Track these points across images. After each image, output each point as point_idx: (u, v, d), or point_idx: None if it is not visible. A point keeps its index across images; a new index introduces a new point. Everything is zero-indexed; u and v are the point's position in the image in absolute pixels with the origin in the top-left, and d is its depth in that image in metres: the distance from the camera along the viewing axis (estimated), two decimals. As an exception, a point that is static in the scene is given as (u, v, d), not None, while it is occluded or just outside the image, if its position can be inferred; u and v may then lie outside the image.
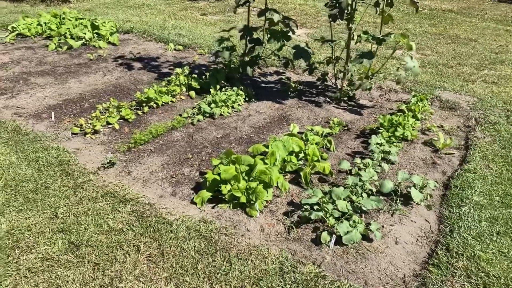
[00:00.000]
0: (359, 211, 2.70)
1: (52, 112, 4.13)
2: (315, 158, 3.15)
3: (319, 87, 5.16)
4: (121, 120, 4.07)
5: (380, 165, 3.13)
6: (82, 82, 5.08)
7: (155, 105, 4.37)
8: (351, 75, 4.63)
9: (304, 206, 2.67)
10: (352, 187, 2.79)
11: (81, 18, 7.68)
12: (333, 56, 4.67)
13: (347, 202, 2.66)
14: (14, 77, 5.16)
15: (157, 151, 3.53)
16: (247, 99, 4.62)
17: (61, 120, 4.06)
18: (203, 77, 5.02)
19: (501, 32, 8.20)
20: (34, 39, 6.93)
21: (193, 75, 4.92)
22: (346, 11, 3.75)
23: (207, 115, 4.20)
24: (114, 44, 6.83)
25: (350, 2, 3.61)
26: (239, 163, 2.93)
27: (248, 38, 4.43)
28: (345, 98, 4.63)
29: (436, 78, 5.41)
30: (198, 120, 4.09)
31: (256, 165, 2.83)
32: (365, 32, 4.17)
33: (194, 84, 4.79)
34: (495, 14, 10.18)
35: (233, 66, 5.17)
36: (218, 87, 4.69)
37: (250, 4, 4.40)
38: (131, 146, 3.54)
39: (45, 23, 7.32)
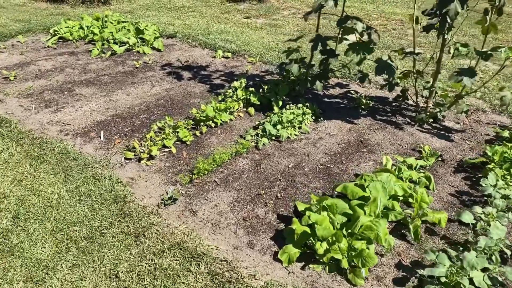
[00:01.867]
0: (498, 284, 2.08)
1: (102, 132, 3.69)
2: (424, 205, 2.54)
3: (393, 104, 4.52)
4: (177, 142, 3.59)
5: (507, 217, 2.49)
6: (130, 94, 4.65)
7: (213, 124, 3.87)
8: (436, 93, 3.97)
9: (424, 275, 2.08)
10: (486, 250, 2.17)
11: (123, 22, 7.33)
12: (414, 70, 4.02)
13: (485, 275, 2.04)
14: (58, 86, 4.79)
15: (223, 184, 3.02)
16: (313, 118, 4.05)
17: (111, 140, 3.62)
18: (261, 90, 4.48)
19: None
20: (76, 43, 6.62)
21: (251, 89, 4.40)
22: (450, 22, 3.11)
23: (273, 137, 3.66)
24: (158, 50, 6.41)
25: (459, 11, 2.98)
26: (333, 211, 2.37)
27: (321, 49, 3.85)
28: (430, 120, 3.97)
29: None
30: (264, 144, 3.56)
31: (357, 216, 2.25)
32: (465, 45, 3.52)
33: (253, 99, 4.26)
34: None
35: (293, 78, 4.61)
36: (280, 103, 4.15)
37: (323, 8, 3.81)
38: (194, 176, 3.04)
39: (87, 26, 7.00)
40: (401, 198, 2.69)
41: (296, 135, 3.76)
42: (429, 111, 3.92)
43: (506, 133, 3.62)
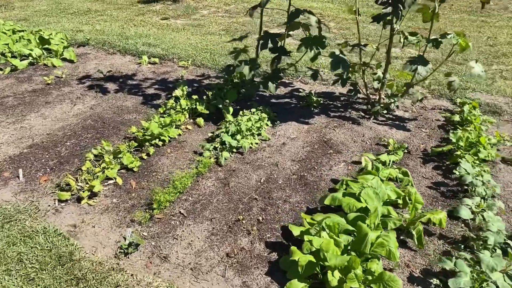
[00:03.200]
0: (515, 282, 1.97)
1: (20, 170, 2.93)
2: (419, 206, 2.38)
3: (342, 99, 4.42)
4: (122, 171, 2.99)
5: (494, 205, 2.44)
6: (47, 117, 3.85)
7: (160, 143, 3.33)
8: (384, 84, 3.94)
9: (439, 285, 1.89)
10: (497, 246, 2.06)
11: (20, 31, 6.22)
12: (361, 63, 3.94)
13: (503, 275, 1.92)
14: None
15: (192, 215, 2.54)
16: (270, 122, 3.74)
17: (34, 179, 2.88)
18: (205, 97, 4.04)
19: (480, 23, 8.08)
20: (-38, 60, 5.41)
21: (194, 97, 3.93)
22: (404, 9, 3.02)
23: (234, 150, 3.26)
24: (71, 61, 5.54)
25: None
26: (334, 231, 2.08)
27: (271, 47, 3.53)
28: (384, 111, 3.93)
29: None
30: (225, 159, 3.14)
31: (365, 234, 1.99)
32: (413, 34, 3.49)
33: (201, 108, 3.80)
34: (460, 5, 10.20)
35: (238, 81, 4.25)
36: (231, 110, 3.75)
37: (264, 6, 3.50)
38: (154, 212, 2.51)
39: (-27, 39, 5.78)
40: (391, 201, 2.51)
41: (257, 143, 3.41)
42: (382, 103, 3.86)
43: (456, 117, 3.71)
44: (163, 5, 9.63)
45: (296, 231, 2.15)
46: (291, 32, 3.70)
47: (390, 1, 3.08)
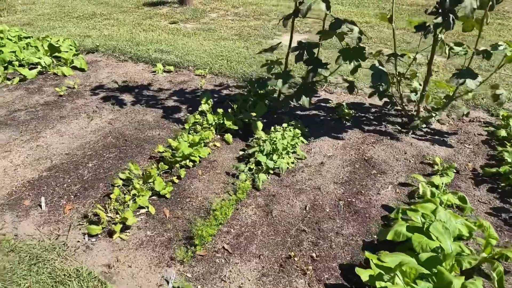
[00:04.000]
0: None
1: (42, 198, 2.67)
2: (493, 242, 2.15)
3: (373, 111, 4.18)
4: (153, 197, 2.74)
5: None
6: (64, 134, 3.59)
7: (190, 164, 3.08)
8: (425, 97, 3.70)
9: None
10: None
11: (26, 37, 5.95)
12: (396, 73, 3.71)
13: None
14: (-46, 135, 3.52)
15: (237, 250, 2.30)
16: (303, 138, 3.50)
17: (58, 207, 2.63)
18: (230, 111, 3.80)
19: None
20: (-33, 70, 5.13)
21: (220, 111, 3.68)
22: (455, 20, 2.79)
23: (271, 171, 3.02)
24: (82, 70, 5.27)
25: (475, 7, 2.66)
26: (409, 276, 1.84)
27: (307, 58, 3.29)
28: (423, 126, 3.69)
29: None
30: (262, 182, 2.89)
31: (449, 282, 1.75)
32: (459, 44, 3.26)
33: (229, 124, 3.55)
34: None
35: (262, 92, 4.00)
36: (261, 125, 3.51)
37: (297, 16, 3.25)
38: (197, 248, 2.27)
39: (-23, 46, 5.50)
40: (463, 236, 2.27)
41: (293, 163, 3.17)
42: (421, 117, 3.63)
43: (502, 132, 3.48)
44: (169, 8, 9.37)
45: (364, 275, 1.91)
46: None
47: (440, 11, 2.84)
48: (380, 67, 3.28)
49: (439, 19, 2.82)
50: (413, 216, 2.28)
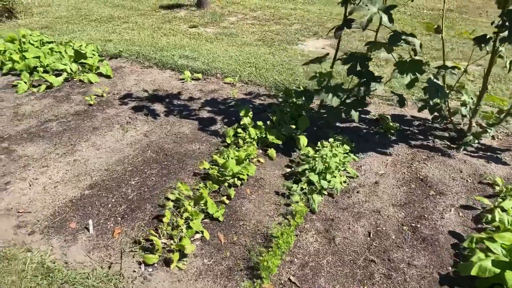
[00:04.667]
0: None
1: (90, 221, 2.52)
2: None
3: (415, 123, 4.02)
4: (205, 220, 2.59)
5: None
6: (99, 147, 3.44)
7: (239, 182, 2.92)
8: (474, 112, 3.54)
9: None
10: None
11: (49, 42, 5.83)
12: (445, 86, 3.54)
13: None
14: (-13, 147, 3.38)
15: (304, 283, 2.14)
16: (353, 155, 3.34)
17: (105, 230, 2.48)
18: (269, 123, 3.65)
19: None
20: (-10, 76, 5.01)
21: (259, 123, 3.53)
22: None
23: (324, 192, 2.86)
24: (107, 77, 5.13)
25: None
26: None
27: (359, 70, 3.13)
28: (475, 141, 3.53)
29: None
30: (317, 204, 2.74)
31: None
32: (519, 58, 3.10)
33: (272, 138, 3.40)
34: None
35: (299, 103, 3.84)
36: (305, 140, 3.36)
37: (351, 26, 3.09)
38: (265, 283, 2.11)
39: (0, 51, 5.39)
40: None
41: (345, 182, 3.01)
42: (474, 132, 3.46)
43: (562, 150, 3.31)
44: (187, 11, 9.23)
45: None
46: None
47: (508, 25, 2.67)
48: (436, 80, 3.12)
49: (505, 33, 2.66)
50: (492, 248, 2.12)
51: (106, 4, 9.82)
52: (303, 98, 3.31)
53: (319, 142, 3.30)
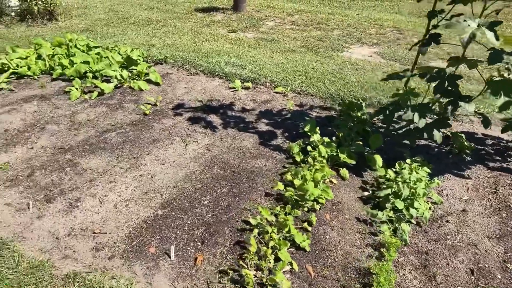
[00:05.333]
0: None
1: (172, 247, 2.39)
2: None
3: (488, 142, 3.78)
4: (291, 249, 2.43)
5: None
6: (164, 161, 3.33)
7: (317, 206, 2.76)
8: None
9: None
10: None
11: (95, 47, 5.78)
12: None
13: None
14: (50, 159, 3.30)
15: (413, 328, 1.96)
16: (436, 179, 3.13)
17: (186, 257, 2.35)
18: (334, 139, 3.48)
19: None
20: (41, 81, 4.98)
21: (326, 140, 3.36)
22: None
23: (412, 221, 2.67)
24: (156, 84, 5.05)
25: None
26: None
27: (447, 89, 2.92)
28: (562, 166, 3.27)
29: None
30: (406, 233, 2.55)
31: None
32: None
33: (344, 157, 3.22)
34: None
35: (364, 117, 3.66)
36: (380, 160, 3.17)
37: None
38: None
39: (49, 56, 5.37)
40: None
41: (430, 209, 2.81)
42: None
43: None
44: (224, 15, 9.12)
45: None
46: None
47: None
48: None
49: None
50: None
51: (142, 7, 9.81)
52: (382, 116, 3.11)
53: (396, 164, 3.11)
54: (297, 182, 2.79)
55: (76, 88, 4.63)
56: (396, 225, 2.59)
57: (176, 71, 5.54)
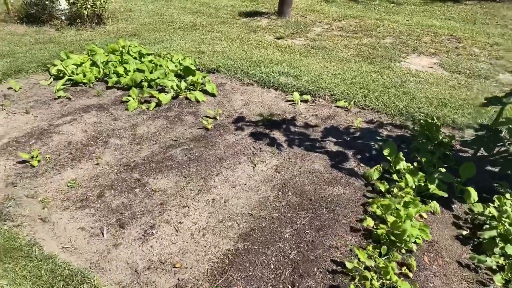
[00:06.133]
0: None
1: (264, 291, 2.19)
2: None
3: None
4: (393, 299, 2.18)
5: None
6: (234, 184, 3.14)
7: (414, 247, 2.48)
8: None
9: None
10: None
11: (148, 54, 5.70)
12: None
13: None
14: (117, 177, 3.17)
15: None
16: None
17: (279, 303, 2.13)
18: (416, 165, 3.18)
19: None
20: (97, 89, 4.91)
21: (408, 166, 3.07)
22: None
23: (524, 269, 2.35)
24: (212, 95, 4.88)
25: None
26: None
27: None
28: None
29: None
30: (521, 285, 2.24)
31: None
32: None
33: (433, 188, 2.93)
34: None
35: (446, 141, 3.34)
36: (475, 194, 2.85)
37: None
38: None
39: (103, 63, 5.30)
40: None
41: (541, 255, 2.48)
42: None
43: None
44: (268, 20, 8.91)
45: None
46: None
47: None
48: None
49: None
50: None
51: (185, 11, 9.73)
52: (482, 148, 2.80)
53: (495, 198, 2.79)
54: (390, 219, 2.53)
55: (133, 98, 4.53)
56: (509, 274, 2.28)
57: (229, 81, 5.36)
